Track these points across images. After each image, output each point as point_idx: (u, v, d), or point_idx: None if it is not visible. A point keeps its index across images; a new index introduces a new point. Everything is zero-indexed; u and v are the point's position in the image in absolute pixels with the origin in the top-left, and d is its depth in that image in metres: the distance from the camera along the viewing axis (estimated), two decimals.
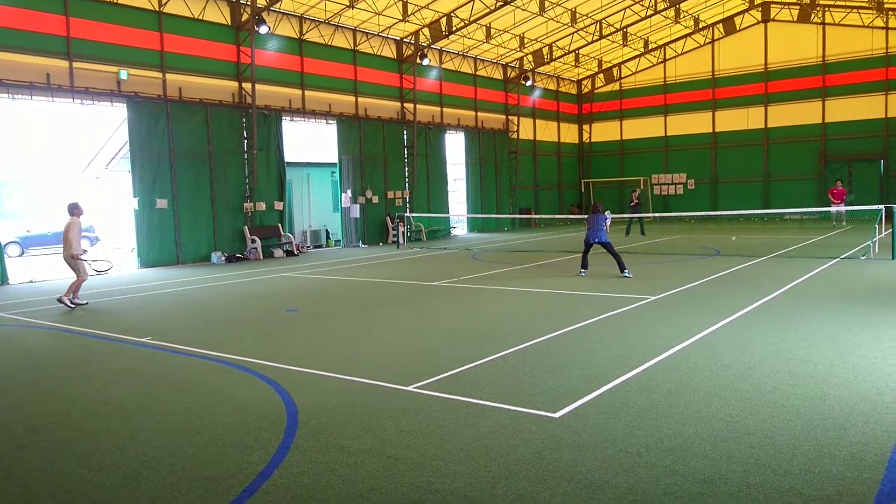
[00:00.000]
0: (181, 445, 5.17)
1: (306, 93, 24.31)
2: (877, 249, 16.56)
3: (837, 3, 30.90)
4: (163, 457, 4.95)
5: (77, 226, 12.53)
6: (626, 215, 26.32)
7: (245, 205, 22.18)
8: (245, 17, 21.70)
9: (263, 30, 21.51)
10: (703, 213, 28.18)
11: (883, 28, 31.29)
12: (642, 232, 25.90)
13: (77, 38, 18.14)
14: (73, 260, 12.50)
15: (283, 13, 23.37)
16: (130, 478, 4.60)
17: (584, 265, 14.88)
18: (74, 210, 12.64)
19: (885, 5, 29.05)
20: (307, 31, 24.27)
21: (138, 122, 19.40)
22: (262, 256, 21.79)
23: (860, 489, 4.04)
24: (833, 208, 26.01)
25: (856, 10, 31.09)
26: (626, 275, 13.79)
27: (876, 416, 5.22)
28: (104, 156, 27.73)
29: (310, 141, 26.58)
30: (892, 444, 4.68)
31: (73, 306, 12.31)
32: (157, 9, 19.82)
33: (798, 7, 32.74)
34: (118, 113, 20.42)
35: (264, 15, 21.85)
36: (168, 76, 20.14)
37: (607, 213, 14.78)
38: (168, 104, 20.05)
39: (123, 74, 18.91)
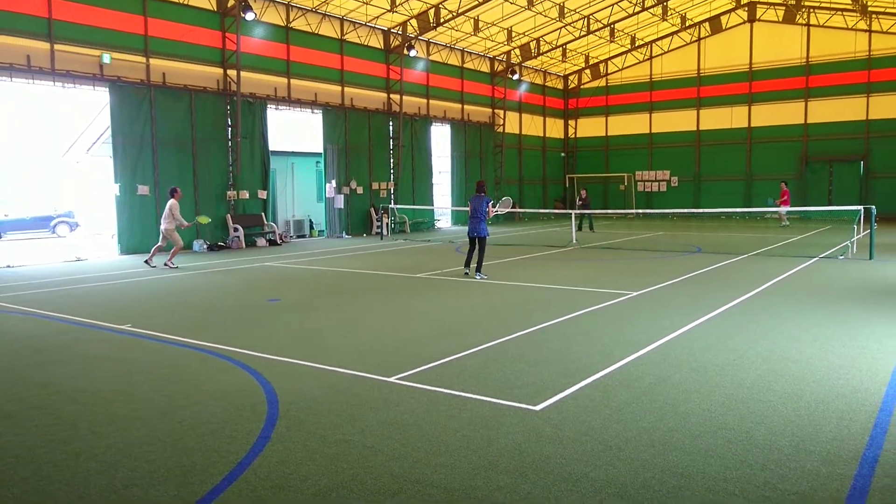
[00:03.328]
0: (159, 433, 5.13)
1: (292, 81, 24.13)
2: (855, 250, 16.79)
3: (822, 4, 31.19)
4: (140, 445, 4.91)
5: (173, 205, 15.81)
6: (578, 211, 26.17)
7: (228, 193, 22.01)
8: (231, 2, 21.47)
9: (250, 16, 21.31)
10: (685, 211, 28.41)
11: (866, 31, 31.63)
12: (591, 228, 26.00)
13: (59, 20, 17.86)
14: (167, 232, 15.89)
15: (270, 0, 23.15)
16: (107, 465, 4.56)
17: (468, 262, 13.69)
18: (173, 193, 16.06)
19: (869, 8, 29.37)
20: (294, 19, 24.07)
21: (120, 107, 19.16)
22: (244, 245, 21.65)
23: (834, 484, 4.11)
24: (782, 209, 26.18)
25: (840, 13, 31.40)
26: (479, 277, 13.19)
27: (851, 414, 5.30)
28: (85, 140, 27.38)
29: (295, 130, 26.40)
30: (865, 440, 4.76)
31: (175, 266, 15.93)
32: None
33: (784, 8, 32.99)
34: (100, 97, 20.15)
35: (251, 1, 21.62)
36: (152, 61, 19.89)
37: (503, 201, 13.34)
38: (151, 89, 19.81)
39: (106, 58, 18.65)
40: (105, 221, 24.60)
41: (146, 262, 16.22)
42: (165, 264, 15.95)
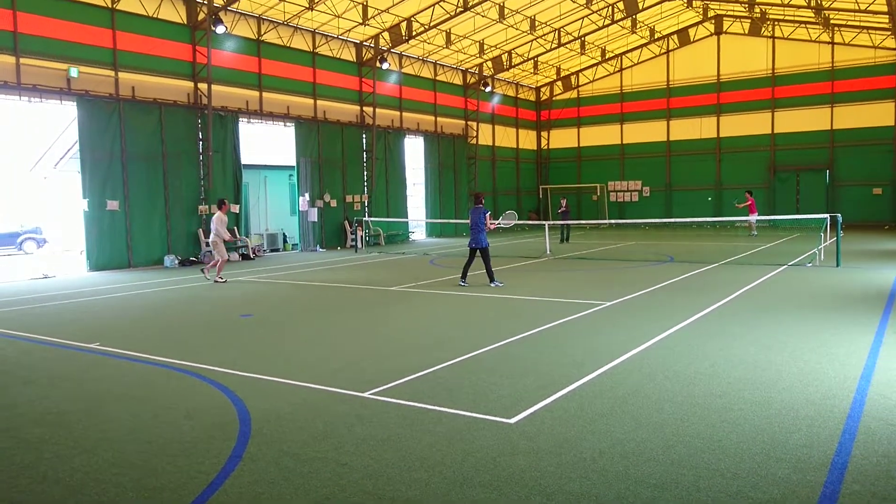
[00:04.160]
0: (128, 455, 5.02)
1: (264, 94, 24.02)
2: (822, 257, 17.10)
3: (786, 17, 31.91)
4: (108, 467, 4.80)
5: (219, 218, 15.64)
6: (558, 222, 26.34)
7: (200, 207, 21.78)
8: (201, 16, 21.35)
9: (220, 30, 21.20)
10: (657, 220, 28.80)
11: (829, 43, 32.42)
12: (567, 239, 25.89)
13: (25, 34, 17.61)
14: (213, 245, 15.73)
15: (241, 13, 23.06)
16: (74, 489, 4.45)
17: (464, 275, 13.99)
18: (221, 205, 16.13)
19: (832, 21, 30.11)
20: (265, 32, 23.99)
21: (89, 122, 18.90)
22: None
23: (804, 491, 4.15)
24: (751, 218, 26.59)
25: (803, 25, 32.15)
26: (497, 284, 13.57)
27: (820, 420, 5.38)
28: (52, 155, 26.95)
29: (267, 143, 26.27)
30: (835, 446, 4.83)
31: (223, 281, 15.78)
32: (109, 5, 19.37)
33: (749, 20, 33.68)
34: (68, 111, 19.88)
35: (221, 15, 21.53)
36: (121, 75, 19.68)
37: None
38: (120, 103, 19.58)
39: (74, 72, 18.41)
40: (74, 237, 24.17)
41: (215, 281, 15.67)
42: (203, 271, 16.37)
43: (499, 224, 16.51)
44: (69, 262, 21.97)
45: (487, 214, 13.94)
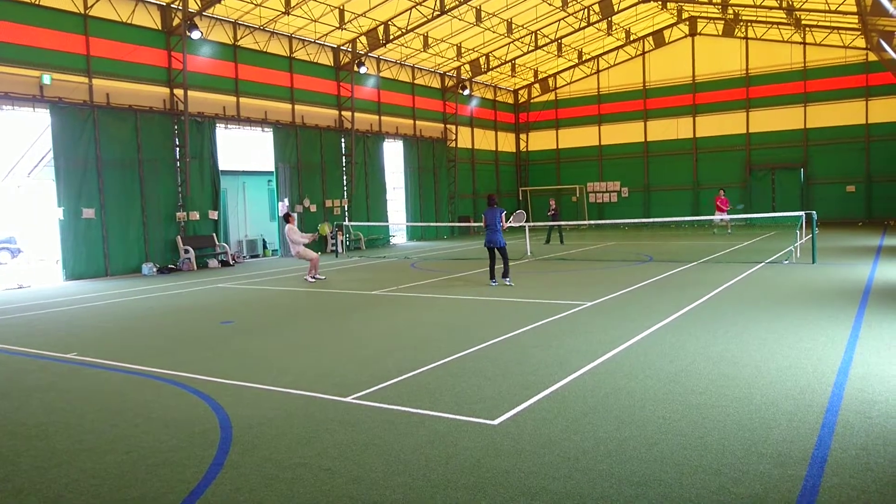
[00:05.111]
0: (107, 465, 4.95)
1: (241, 100, 23.86)
2: (798, 254, 17.32)
3: (759, 18, 32.35)
4: (86, 478, 4.73)
5: (290, 229, 16.49)
6: (546, 223, 26.44)
7: (178, 214, 21.56)
8: (176, 21, 21.16)
9: (196, 35, 21.00)
10: (636, 221, 29.08)
11: (801, 43, 32.91)
12: (561, 241, 26.02)
13: None
14: (301, 252, 16.33)
15: (217, 18, 22.89)
16: (51, 501, 4.38)
17: (492, 274, 14.43)
18: (288, 218, 17.00)
19: (803, 22, 30.58)
20: (241, 37, 23.84)
21: (63, 129, 18.63)
22: (195, 267, 21.20)
23: (786, 486, 4.19)
24: (717, 217, 27.04)
25: (776, 26, 32.61)
26: (507, 282, 14.08)
27: (800, 415, 5.44)
28: (26, 164, 26.53)
29: (245, 149, 26.07)
30: (814, 440, 4.89)
31: (322, 277, 16.65)
32: (82, 11, 19.12)
33: (723, 22, 34.10)
34: (41, 119, 19.58)
35: (196, 20, 21.34)
36: (95, 81, 19.43)
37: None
38: (95, 110, 19.33)
39: (46, 79, 18.14)
40: (49, 246, 23.81)
41: (315, 278, 16.48)
42: (315, 278, 16.42)
43: (511, 224, 17.01)
44: (44, 271, 21.63)
45: (503, 214, 14.31)
